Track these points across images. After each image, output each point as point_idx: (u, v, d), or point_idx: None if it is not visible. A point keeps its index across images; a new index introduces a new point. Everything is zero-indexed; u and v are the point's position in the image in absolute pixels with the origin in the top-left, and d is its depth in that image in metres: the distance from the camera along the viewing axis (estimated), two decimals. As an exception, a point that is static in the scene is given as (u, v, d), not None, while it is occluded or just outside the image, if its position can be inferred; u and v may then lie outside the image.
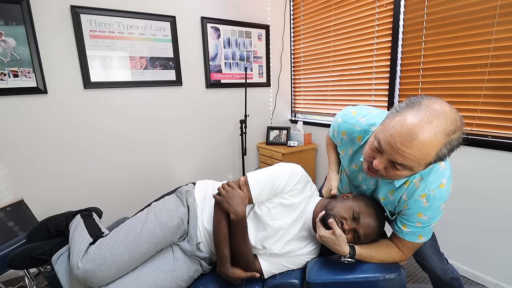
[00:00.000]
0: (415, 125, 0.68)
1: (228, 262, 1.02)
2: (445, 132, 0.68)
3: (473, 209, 1.69)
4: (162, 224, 1.06)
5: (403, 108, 0.74)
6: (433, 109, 0.69)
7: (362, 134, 0.97)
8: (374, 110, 1.01)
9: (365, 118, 0.98)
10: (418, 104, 0.72)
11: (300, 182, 1.08)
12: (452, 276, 1.21)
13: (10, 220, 1.61)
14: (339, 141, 1.09)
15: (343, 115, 1.06)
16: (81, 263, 0.96)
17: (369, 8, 2.13)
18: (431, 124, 0.67)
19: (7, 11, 1.66)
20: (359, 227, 0.95)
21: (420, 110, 0.70)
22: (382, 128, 0.76)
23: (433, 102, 0.71)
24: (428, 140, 0.68)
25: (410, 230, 0.93)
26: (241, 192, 1.04)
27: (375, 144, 0.77)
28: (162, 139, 2.35)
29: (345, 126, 1.03)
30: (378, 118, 0.94)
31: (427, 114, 0.68)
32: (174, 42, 2.25)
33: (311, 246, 1.09)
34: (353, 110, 1.04)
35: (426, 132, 0.67)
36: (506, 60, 1.49)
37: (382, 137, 0.74)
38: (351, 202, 1.00)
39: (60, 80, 1.88)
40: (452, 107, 0.72)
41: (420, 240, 0.94)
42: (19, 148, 1.81)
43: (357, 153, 1.01)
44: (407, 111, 0.72)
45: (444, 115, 0.68)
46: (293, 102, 3.10)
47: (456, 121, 0.69)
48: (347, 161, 1.08)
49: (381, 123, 0.79)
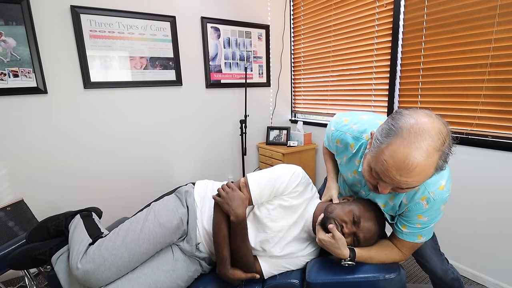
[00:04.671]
0: (406, 155, 0.68)
1: (228, 264, 1.02)
2: (436, 148, 0.68)
3: (473, 209, 1.69)
4: (161, 225, 1.06)
5: (387, 138, 0.73)
6: (416, 131, 0.69)
7: (354, 142, 0.98)
8: (365, 115, 1.02)
9: (356, 126, 0.98)
10: (399, 130, 0.71)
11: (300, 184, 1.07)
12: (453, 276, 1.21)
13: (10, 220, 1.61)
14: (335, 150, 1.09)
15: (336, 124, 1.06)
16: (81, 263, 0.96)
17: (369, 8, 2.13)
18: (421, 149, 0.68)
19: (7, 11, 1.66)
20: (359, 231, 0.95)
21: (404, 138, 0.69)
22: (374, 159, 0.76)
23: (413, 122, 0.70)
24: (424, 164, 0.68)
25: (409, 231, 0.93)
26: (241, 194, 1.03)
27: (374, 174, 0.77)
28: (162, 139, 2.35)
29: (338, 134, 1.03)
30: (368, 124, 0.95)
31: (413, 140, 0.68)
32: (174, 42, 2.25)
33: (311, 248, 1.09)
34: (345, 118, 1.04)
35: (419, 158, 0.68)
36: (506, 60, 1.49)
37: (379, 170, 0.75)
38: (351, 205, 0.99)
39: (60, 80, 1.88)
40: (431, 116, 0.71)
41: (419, 240, 0.95)
42: (19, 148, 1.81)
43: (351, 160, 1.01)
44: (393, 141, 0.71)
45: (428, 133, 0.68)
46: (293, 102, 3.10)
47: (442, 132, 0.69)
48: (344, 168, 1.08)
49: (371, 153, 0.77)
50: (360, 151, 0.96)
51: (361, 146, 0.95)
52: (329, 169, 1.23)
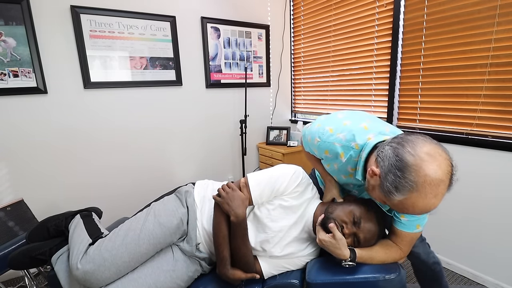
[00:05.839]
0: (426, 205, 0.73)
1: (228, 264, 1.02)
2: (447, 186, 0.73)
3: (473, 209, 1.69)
4: (161, 225, 1.06)
5: (402, 194, 0.74)
6: (431, 183, 0.70)
7: (344, 151, 0.96)
8: (346, 120, 0.99)
9: (343, 134, 0.96)
10: (414, 186, 0.71)
11: (301, 184, 1.07)
12: (434, 260, 1.26)
13: (10, 220, 1.61)
14: (322, 158, 1.07)
15: (321, 134, 1.01)
16: (81, 264, 0.96)
17: (369, 8, 2.13)
18: (438, 195, 0.72)
19: (7, 11, 1.66)
20: (360, 232, 0.95)
21: (420, 192, 0.71)
22: (389, 203, 0.79)
23: (425, 172, 0.70)
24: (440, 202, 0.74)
25: (408, 219, 0.96)
26: (241, 194, 1.03)
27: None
28: (162, 139, 2.35)
29: (326, 145, 1.00)
30: (354, 130, 0.94)
31: (429, 191, 0.71)
32: (174, 42, 2.25)
33: (311, 248, 1.09)
34: (329, 127, 1.00)
35: (438, 202, 0.73)
36: (506, 60, 1.48)
37: (398, 211, 0.82)
38: (352, 206, 0.99)
39: (60, 80, 1.88)
40: (437, 156, 0.72)
41: (417, 229, 0.97)
42: (19, 148, 1.81)
43: (342, 167, 1.00)
44: (410, 196, 0.73)
45: (442, 181, 0.71)
46: (293, 102, 3.10)
47: (449, 170, 0.72)
48: (334, 172, 1.07)
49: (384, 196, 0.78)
50: (352, 159, 0.95)
51: (352, 155, 0.94)
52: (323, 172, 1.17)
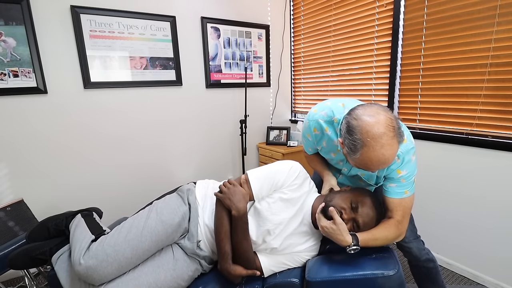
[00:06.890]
0: (377, 156, 0.83)
1: (229, 259, 1.03)
2: (392, 136, 0.82)
3: (473, 209, 1.69)
4: (163, 222, 1.07)
5: (356, 151, 0.85)
6: (373, 137, 0.81)
7: (328, 126, 1.08)
8: (328, 101, 1.13)
9: (325, 111, 1.08)
10: (361, 142, 0.83)
11: (299, 177, 1.12)
12: (428, 257, 1.27)
13: (10, 220, 1.61)
14: (315, 139, 1.16)
15: (308, 116, 1.16)
16: (83, 259, 0.96)
17: (369, 8, 2.13)
18: (384, 145, 0.81)
19: (7, 11, 1.66)
20: (358, 216, 0.99)
21: (368, 146, 0.82)
22: (356, 164, 0.90)
23: (366, 129, 0.82)
24: (391, 152, 0.83)
25: (396, 184, 1.02)
26: (242, 189, 1.07)
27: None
28: (162, 139, 2.35)
29: (313, 123, 1.12)
30: (334, 107, 1.06)
31: (374, 144, 0.81)
32: (174, 42, 2.25)
33: (311, 242, 1.11)
34: (314, 109, 1.14)
35: (387, 152, 0.82)
36: (506, 60, 1.49)
37: (363, 169, 0.91)
38: (348, 193, 1.06)
39: (60, 80, 1.88)
40: (375, 115, 0.83)
41: (406, 194, 1.02)
42: (19, 148, 1.81)
43: (330, 142, 1.10)
44: (363, 152, 0.84)
45: (382, 132, 0.81)
46: (293, 102, 3.10)
47: (388, 122, 0.82)
48: (326, 151, 1.17)
49: (351, 159, 0.90)
50: (335, 131, 1.06)
51: (334, 127, 1.06)
52: (320, 168, 1.30)
